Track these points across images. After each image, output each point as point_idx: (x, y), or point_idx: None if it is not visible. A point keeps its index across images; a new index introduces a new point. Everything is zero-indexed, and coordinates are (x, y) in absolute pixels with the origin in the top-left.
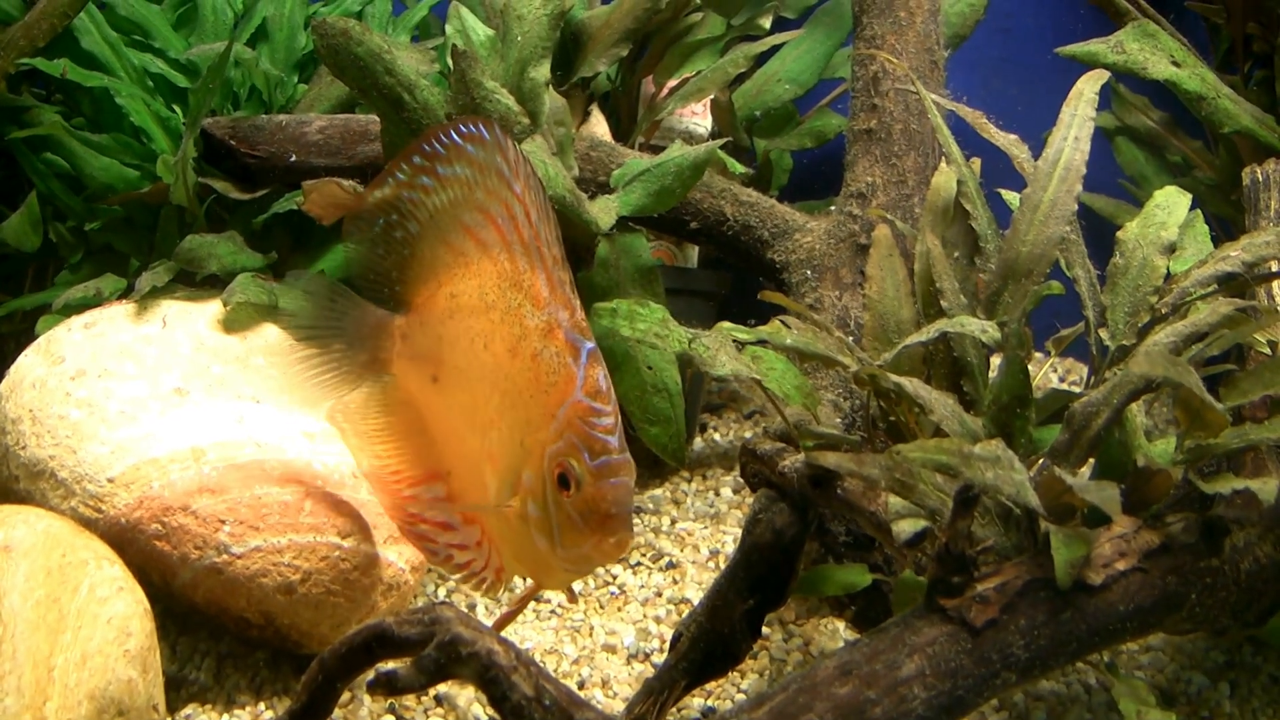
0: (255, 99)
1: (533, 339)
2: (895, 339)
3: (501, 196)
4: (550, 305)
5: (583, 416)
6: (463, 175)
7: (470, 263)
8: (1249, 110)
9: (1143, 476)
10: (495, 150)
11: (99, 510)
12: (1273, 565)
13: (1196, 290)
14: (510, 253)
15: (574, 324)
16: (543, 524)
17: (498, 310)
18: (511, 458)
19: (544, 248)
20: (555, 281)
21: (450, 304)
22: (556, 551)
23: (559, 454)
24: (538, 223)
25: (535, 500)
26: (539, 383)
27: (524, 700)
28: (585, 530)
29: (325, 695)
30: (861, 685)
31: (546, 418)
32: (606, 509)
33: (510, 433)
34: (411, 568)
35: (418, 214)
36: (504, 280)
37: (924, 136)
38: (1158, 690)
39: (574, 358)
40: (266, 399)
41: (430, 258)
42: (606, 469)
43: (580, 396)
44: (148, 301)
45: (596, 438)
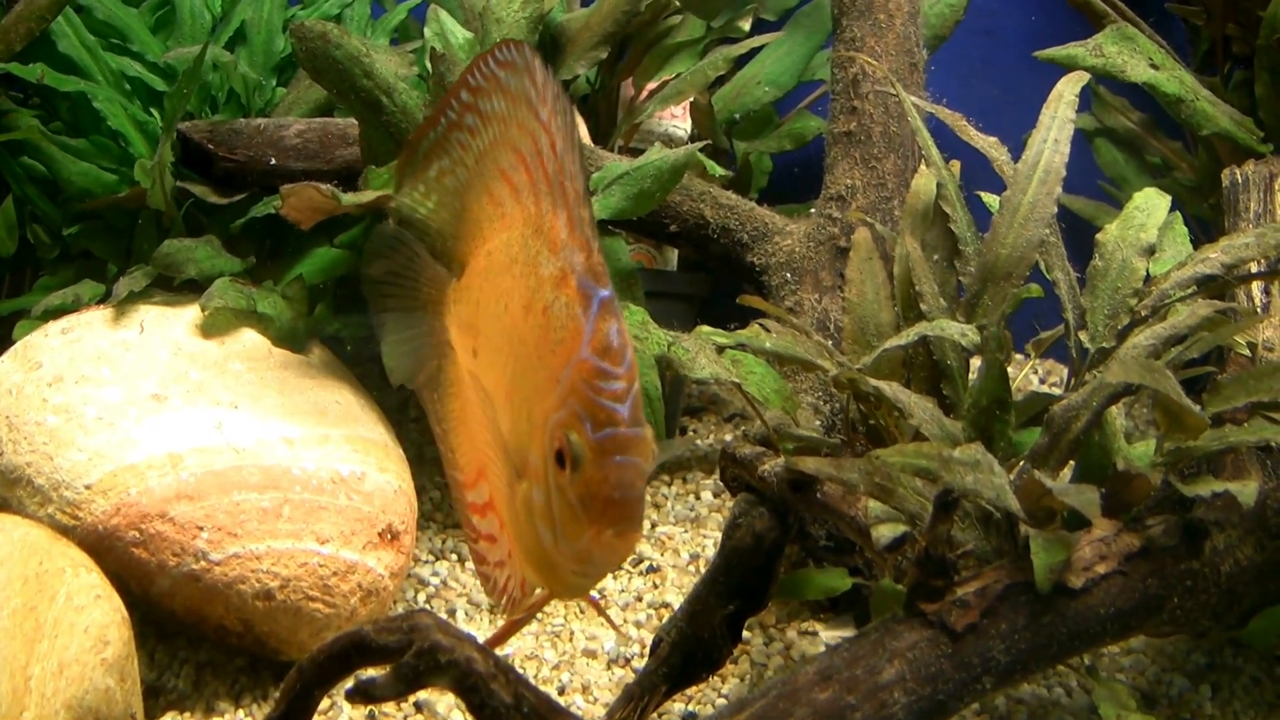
0: (233, 102)
1: (545, 291)
2: (875, 342)
3: (530, 129)
4: (566, 249)
5: (587, 379)
6: (500, 110)
7: (505, 213)
8: (1227, 112)
9: (1123, 479)
10: (524, 74)
11: (76, 518)
12: (1253, 567)
13: (1176, 292)
14: (536, 194)
15: (588, 267)
16: (545, 514)
17: (519, 263)
18: (520, 436)
19: (567, 182)
20: (575, 220)
21: (486, 263)
22: (559, 548)
23: (560, 425)
24: (563, 154)
25: (540, 484)
26: (548, 341)
27: (503, 707)
28: (584, 519)
29: (303, 703)
30: (842, 690)
31: (550, 382)
32: (608, 493)
33: (519, 406)
34: (391, 574)
35: (466, 159)
36: (529, 228)
37: (904, 139)
38: (1139, 693)
39: (584, 308)
40: (245, 404)
41: (475, 209)
42: (611, 443)
43: (586, 354)
44: (125, 307)
45: (601, 405)
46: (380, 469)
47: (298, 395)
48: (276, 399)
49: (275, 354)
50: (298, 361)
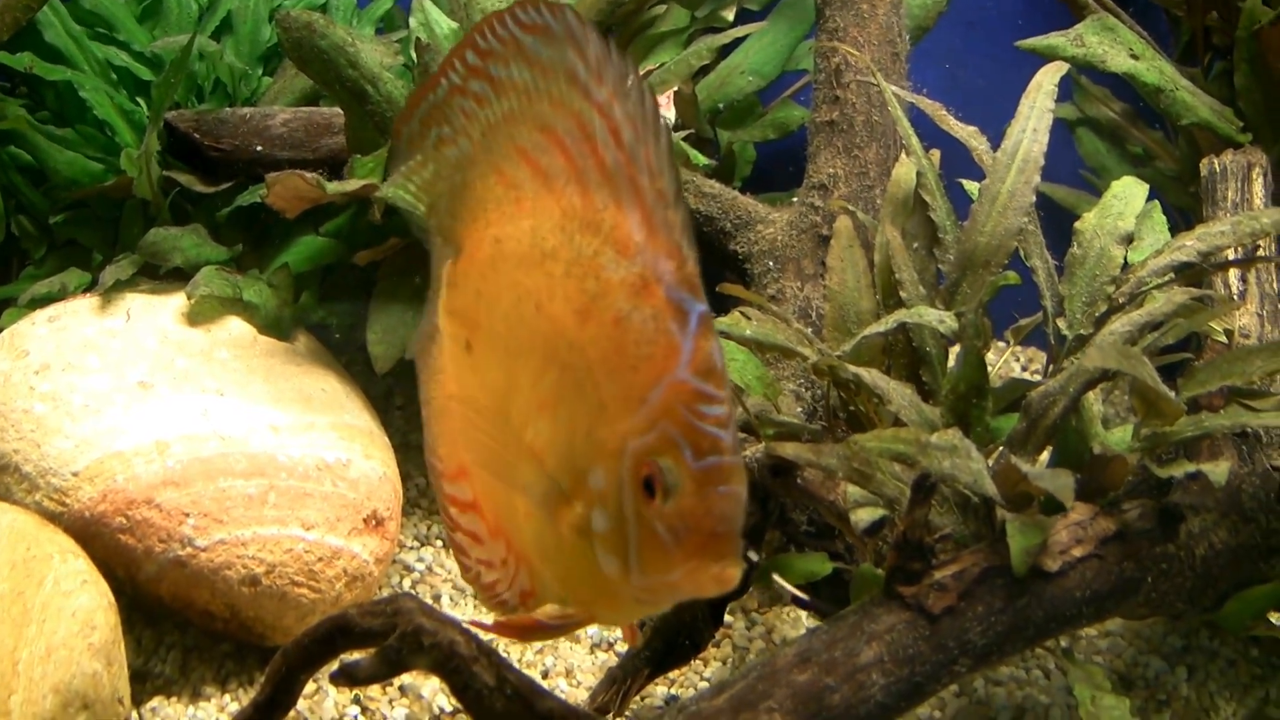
0: (220, 92)
1: (616, 298)
2: (855, 329)
3: (573, 108)
4: (644, 253)
5: (687, 402)
6: (520, 80)
7: (523, 198)
8: (1207, 103)
9: (1099, 464)
10: (566, 44)
11: (63, 504)
12: (1228, 550)
13: (1153, 280)
14: (582, 185)
15: (681, 278)
16: (614, 541)
17: (560, 260)
18: (572, 453)
19: (640, 177)
20: (655, 223)
21: (493, 251)
22: (630, 578)
23: (649, 450)
24: (633, 144)
25: (607, 509)
26: (623, 355)
27: (486, 690)
28: (677, 553)
29: (289, 687)
30: (820, 672)
31: (632, 401)
32: (711, 526)
33: (573, 421)
34: (376, 559)
35: (470, 130)
36: (571, 221)
37: (886, 128)
38: (1115, 675)
39: (679, 323)
40: (231, 392)
41: (480, 189)
42: (715, 473)
43: (685, 375)
44: (112, 295)
45: (705, 431)
46: (365, 455)
47: (283, 383)
48: (262, 386)
49: (261, 342)
50: (283, 349)
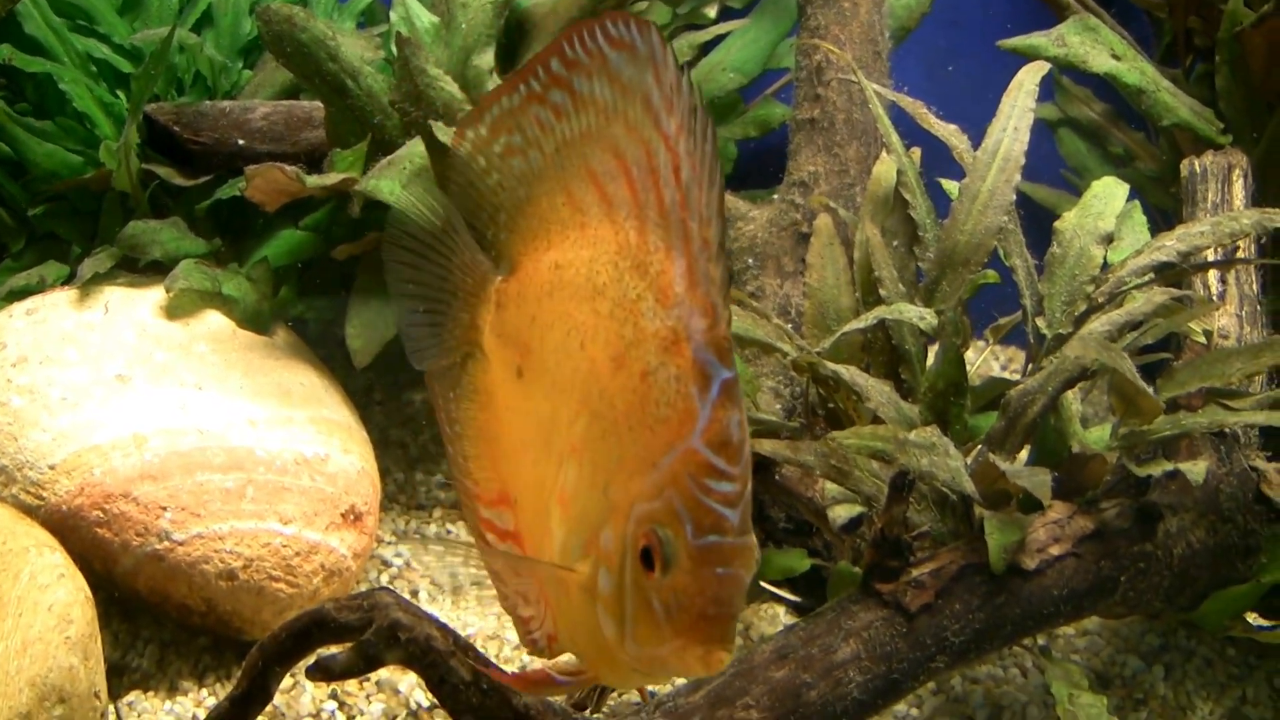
0: (200, 85)
1: (648, 350)
2: (835, 326)
3: (643, 136)
4: (681, 306)
5: (695, 474)
6: (603, 99)
7: (587, 225)
8: (1188, 104)
9: (1078, 462)
10: (647, 67)
11: (40, 497)
12: (1205, 550)
13: (1132, 280)
14: (640, 220)
15: (711, 340)
16: (613, 605)
17: (607, 298)
18: (589, 506)
19: (691, 222)
20: (698, 275)
21: (552, 276)
22: (625, 645)
23: (651, 518)
24: (689, 184)
25: (610, 571)
26: (644, 413)
27: (461, 684)
28: (667, 628)
29: (265, 681)
30: (798, 669)
31: (645, 464)
32: (701, 608)
33: (594, 472)
34: (354, 554)
35: (543, 143)
36: (623, 257)
37: (866, 126)
38: (1093, 673)
39: (700, 388)
40: (209, 386)
41: (545, 207)
42: (714, 553)
43: (698, 445)
44: (90, 288)
45: (709, 507)
46: (344, 450)
47: (262, 377)
48: (241, 380)
49: (240, 336)
50: (262, 343)
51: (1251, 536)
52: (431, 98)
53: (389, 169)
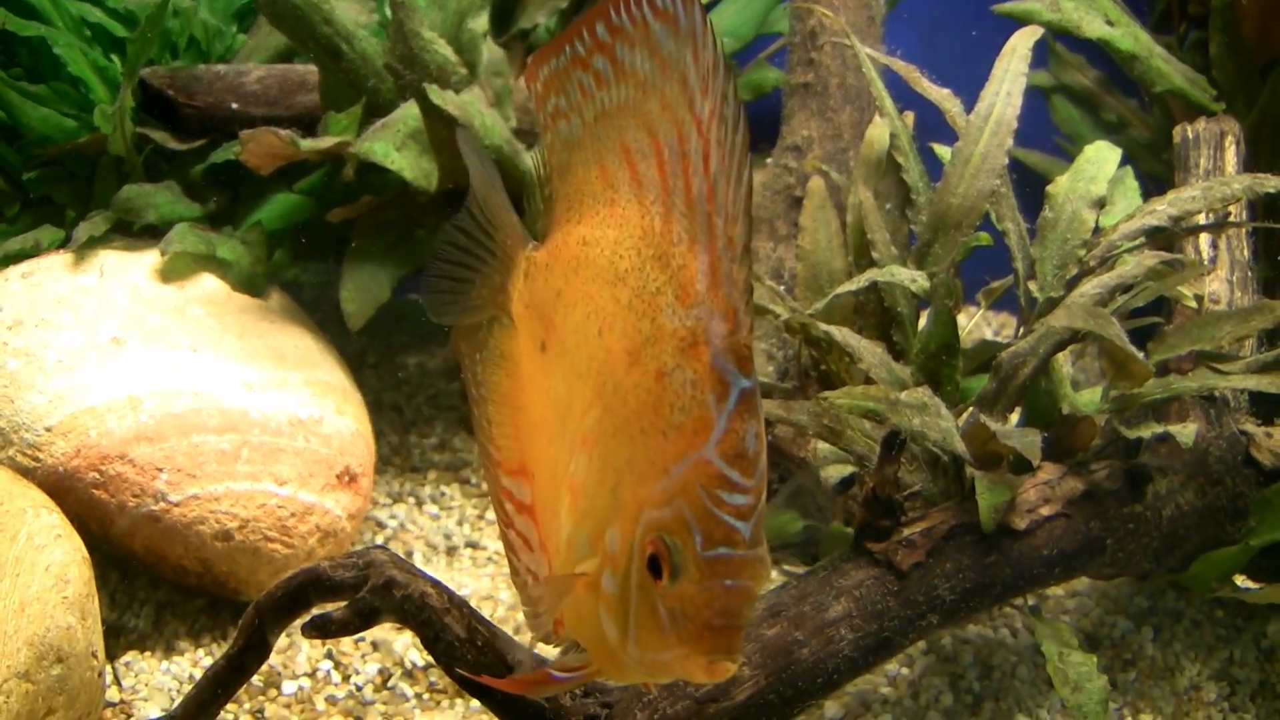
0: (194, 49)
1: (664, 349)
2: (827, 289)
3: (677, 117)
4: (702, 307)
5: (707, 486)
6: (640, 71)
7: (617, 201)
8: (1181, 70)
9: (1068, 424)
10: (687, 44)
11: (36, 459)
12: (1194, 512)
13: (1124, 243)
14: (667, 207)
15: (731, 346)
16: (617, 608)
17: (628, 287)
18: (597, 503)
19: (716, 218)
20: (721, 275)
21: (580, 253)
22: (627, 647)
23: (661, 526)
24: (717, 177)
25: (615, 574)
26: (658, 417)
27: (456, 641)
28: (671, 635)
29: (261, 639)
30: (790, 626)
31: (656, 469)
32: (708, 619)
33: (603, 469)
34: (349, 515)
35: (584, 109)
36: (648, 246)
37: (860, 91)
38: (1082, 634)
39: (717, 397)
40: (204, 348)
41: (581, 178)
42: (723, 566)
43: (711, 456)
44: (85, 252)
45: (720, 520)
46: (338, 412)
47: (256, 339)
48: (235, 343)
49: (234, 299)
50: (257, 306)
51: (1240, 499)
52: (425, 61)
53: (383, 132)
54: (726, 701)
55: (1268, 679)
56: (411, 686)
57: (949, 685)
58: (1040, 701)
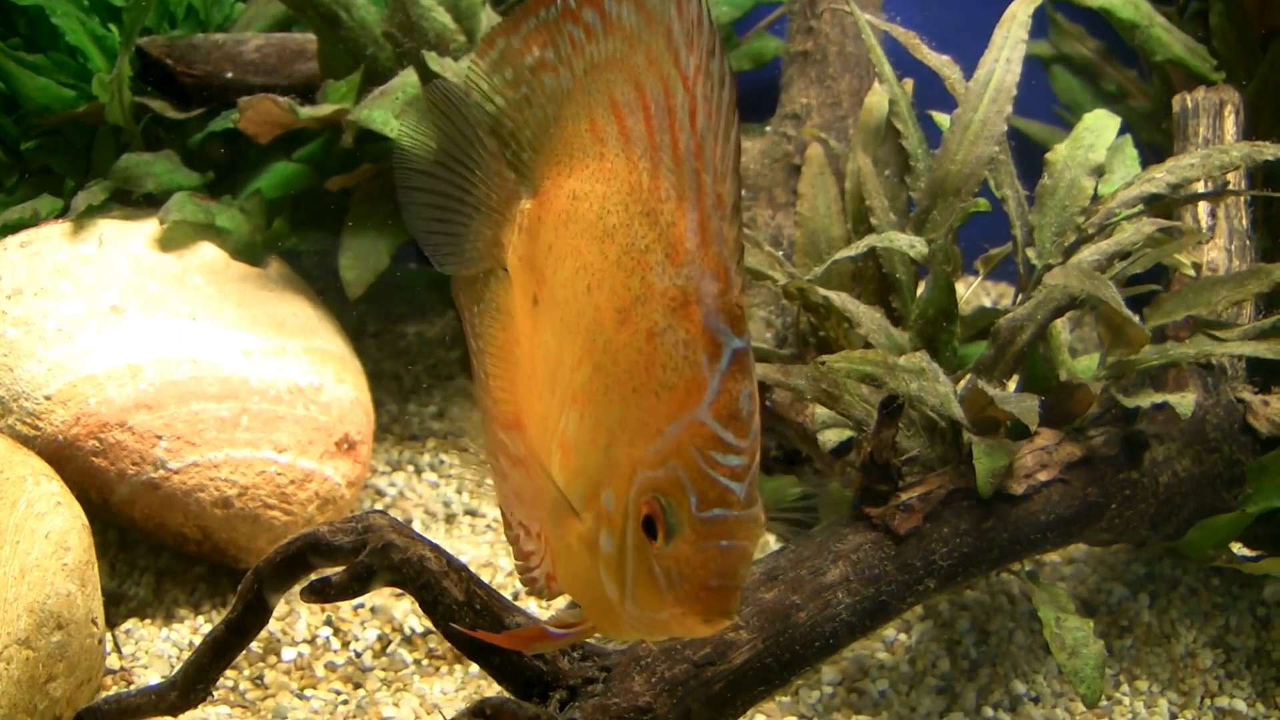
0: (192, 18)
1: (654, 308)
2: (826, 255)
3: (663, 71)
4: (692, 266)
5: (701, 447)
6: (630, 24)
7: (605, 155)
8: (1181, 40)
9: (1065, 391)
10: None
11: (36, 428)
12: (1191, 479)
13: (1122, 211)
14: (654, 163)
15: (723, 306)
16: (614, 567)
17: (616, 243)
18: (589, 461)
19: (705, 175)
20: (711, 233)
21: (569, 207)
22: (625, 605)
23: (655, 487)
24: (704, 133)
25: (611, 533)
26: (650, 377)
27: (455, 605)
28: (668, 596)
29: (261, 604)
30: (787, 590)
31: (650, 430)
32: (704, 580)
33: (595, 427)
34: (348, 483)
35: (574, 63)
36: (636, 201)
37: (859, 59)
38: (1079, 601)
39: (710, 358)
40: (203, 317)
41: (570, 131)
42: (718, 527)
43: (705, 417)
44: (84, 221)
45: (715, 481)
46: (338, 380)
47: (256, 308)
48: (235, 311)
49: (233, 267)
50: (256, 275)
51: (1236, 467)
52: (424, 28)
53: (382, 99)
54: (724, 665)
55: (1263, 646)
56: (410, 652)
57: (946, 650)
58: (1037, 667)
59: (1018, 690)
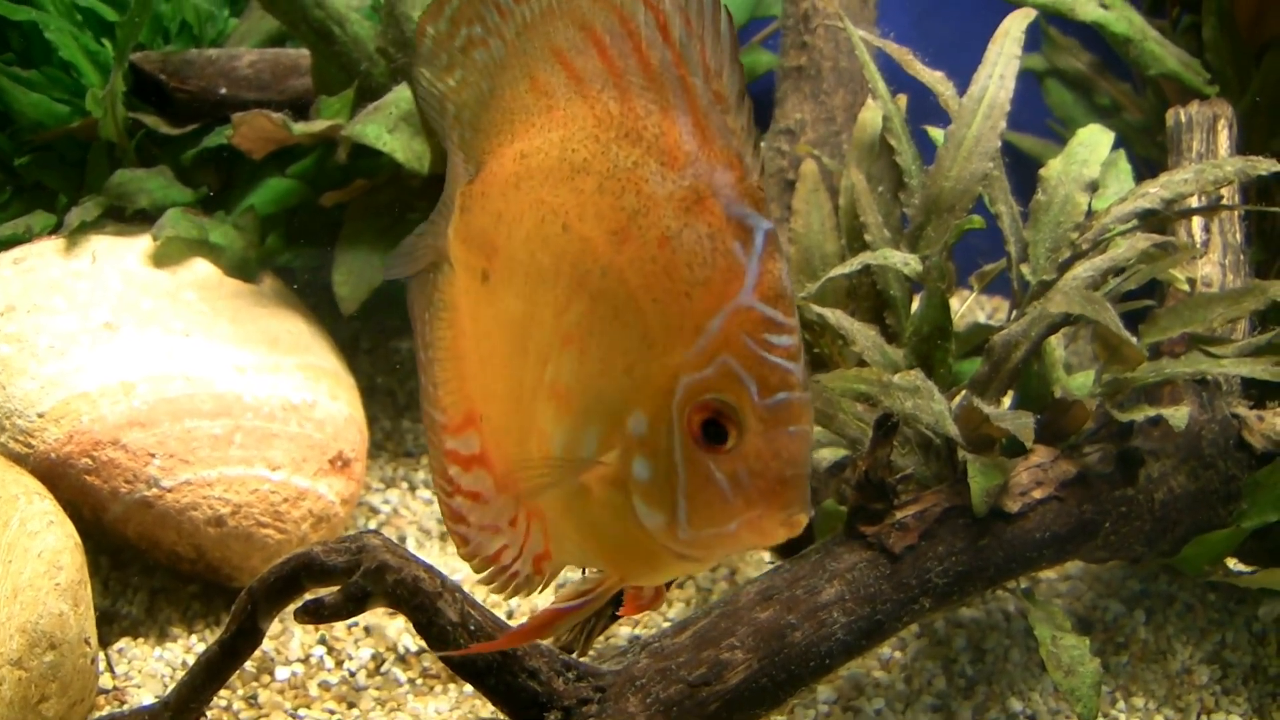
0: (186, 33)
1: (661, 214)
2: (820, 272)
3: (613, 2)
4: (697, 164)
5: (753, 332)
6: None
7: (555, 107)
8: (1175, 54)
9: (1061, 408)
10: None
11: (29, 445)
12: (1186, 495)
13: (1116, 226)
14: (622, 89)
15: (744, 191)
16: (659, 492)
17: (592, 174)
18: (603, 394)
19: (692, 78)
20: (711, 129)
21: (517, 167)
22: (678, 532)
23: (707, 387)
24: (684, 40)
25: (650, 456)
26: (673, 280)
27: (450, 625)
28: (738, 501)
29: (254, 624)
30: (782, 610)
31: (686, 332)
32: (779, 471)
33: (606, 357)
34: (342, 501)
35: (504, 29)
36: (607, 130)
37: (853, 74)
38: (1075, 617)
39: (742, 242)
40: (197, 333)
41: (510, 98)
42: (785, 411)
43: (752, 300)
44: (77, 237)
45: (774, 364)
46: (331, 397)
47: (249, 324)
48: (228, 328)
49: (227, 283)
50: (250, 291)
51: (1232, 482)
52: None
53: (376, 115)
54: (719, 685)
55: (1260, 662)
56: (405, 671)
57: (942, 668)
58: (1033, 685)
59: (1014, 708)
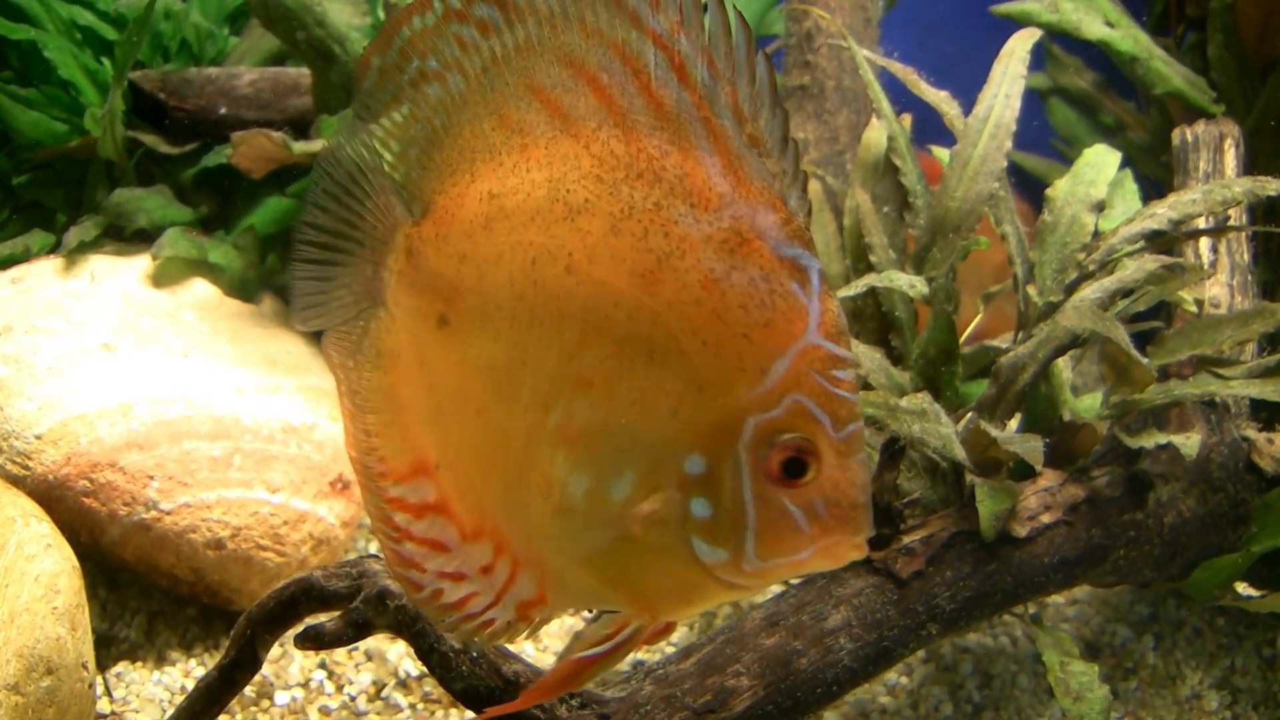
0: (185, 52)
1: (701, 256)
2: None
3: (613, 39)
4: (734, 206)
5: (822, 370)
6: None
7: (532, 145)
8: (1180, 72)
9: (1069, 430)
10: None
11: (26, 467)
12: (1195, 519)
13: (1124, 247)
14: (626, 127)
15: (789, 233)
16: (721, 528)
17: (599, 215)
18: (641, 438)
19: (719, 120)
20: (746, 171)
21: (486, 208)
22: (742, 565)
23: (782, 426)
24: (708, 81)
25: (711, 495)
26: (725, 323)
27: (451, 652)
28: (813, 529)
29: (253, 649)
30: (788, 636)
31: (746, 374)
32: (853, 499)
33: (641, 400)
34: (342, 523)
35: (465, 64)
36: (612, 170)
37: (857, 93)
38: (1083, 643)
39: (800, 283)
40: (196, 354)
41: (468, 136)
42: (854, 442)
43: (818, 339)
44: (76, 256)
45: (842, 399)
46: (331, 419)
47: (249, 345)
48: (228, 348)
49: (226, 304)
50: (249, 311)
51: (1241, 506)
52: None
53: None
54: (725, 712)
55: (1270, 688)
56: (405, 696)
57: (948, 694)
58: (1041, 711)
59: None
